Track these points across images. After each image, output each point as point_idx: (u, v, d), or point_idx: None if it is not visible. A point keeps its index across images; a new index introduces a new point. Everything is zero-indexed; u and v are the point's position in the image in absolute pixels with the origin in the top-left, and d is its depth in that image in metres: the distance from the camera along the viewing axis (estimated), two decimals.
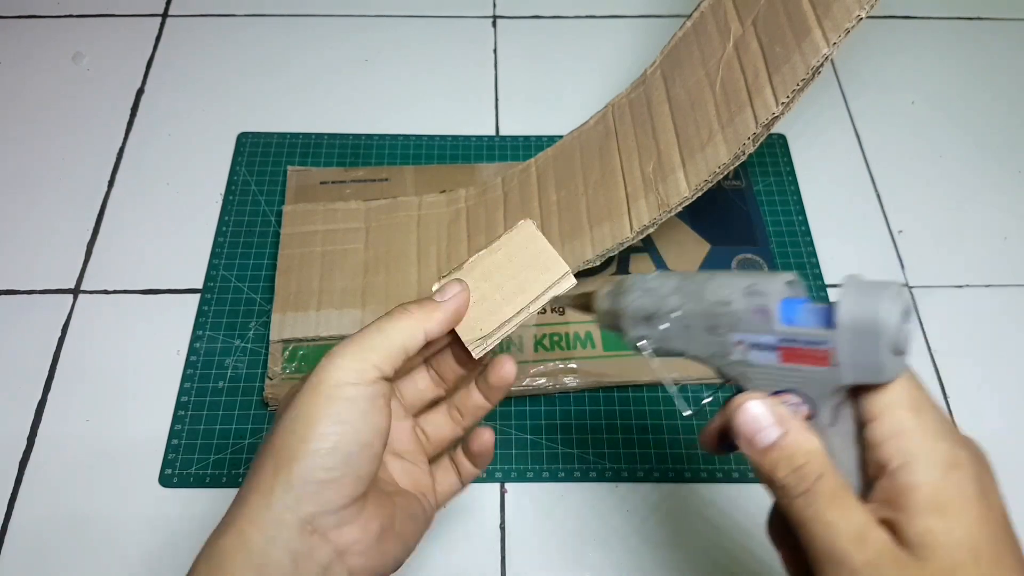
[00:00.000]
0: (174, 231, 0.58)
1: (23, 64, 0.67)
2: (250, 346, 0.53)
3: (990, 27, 0.73)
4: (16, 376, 0.52)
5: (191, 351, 0.53)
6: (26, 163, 0.61)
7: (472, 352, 0.33)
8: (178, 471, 0.48)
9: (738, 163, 0.44)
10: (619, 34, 0.71)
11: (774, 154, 0.63)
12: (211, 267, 0.56)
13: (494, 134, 0.64)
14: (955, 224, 0.61)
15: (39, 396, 0.51)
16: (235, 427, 0.50)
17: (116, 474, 0.48)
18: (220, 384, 0.51)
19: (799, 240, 0.59)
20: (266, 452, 0.29)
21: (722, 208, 0.59)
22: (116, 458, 0.49)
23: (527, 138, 0.64)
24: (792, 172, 0.62)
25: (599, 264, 0.50)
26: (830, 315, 0.25)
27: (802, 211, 0.60)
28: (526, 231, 0.34)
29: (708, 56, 0.49)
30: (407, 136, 0.64)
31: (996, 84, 0.69)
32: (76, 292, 0.55)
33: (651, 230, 0.48)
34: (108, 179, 0.61)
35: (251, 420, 0.50)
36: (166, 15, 0.71)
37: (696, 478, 0.49)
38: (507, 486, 0.49)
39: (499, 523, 0.47)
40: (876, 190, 0.62)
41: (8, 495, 0.47)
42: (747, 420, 0.27)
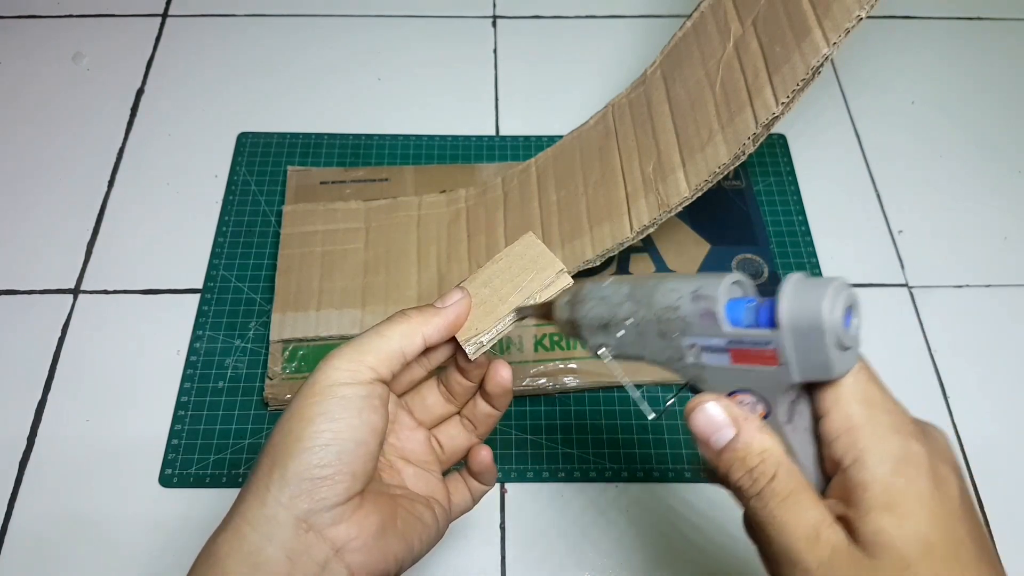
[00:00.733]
0: (174, 231, 0.58)
1: (23, 64, 0.67)
2: (250, 346, 0.53)
3: (990, 27, 0.73)
4: (16, 376, 0.52)
5: (191, 351, 0.53)
6: (26, 163, 0.61)
7: (467, 351, 0.33)
8: (178, 471, 0.48)
9: (738, 163, 0.44)
10: (619, 34, 0.71)
11: (774, 154, 0.64)
12: (211, 267, 0.56)
13: (494, 134, 0.64)
14: (955, 224, 0.61)
15: (39, 396, 0.51)
16: (235, 427, 0.50)
17: (116, 474, 0.48)
18: (220, 384, 0.51)
19: (799, 240, 0.59)
20: (264, 452, 0.30)
21: (722, 208, 0.59)
22: (116, 458, 0.49)
23: (527, 138, 0.64)
24: (792, 172, 0.62)
25: (599, 264, 0.50)
26: (773, 315, 0.25)
27: (802, 211, 0.60)
28: (526, 240, 0.35)
29: (708, 56, 0.49)
30: (407, 136, 0.64)
31: (996, 84, 0.69)
32: (76, 292, 0.55)
33: (651, 230, 0.48)
34: (108, 179, 0.61)
35: (251, 420, 0.50)
36: (166, 15, 0.71)
37: (696, 478, 0.49)
38: (507, 486, 0.49)
39: (499, 523, 0.47)
40: (876, 190, 0.62)
41: (8, 495, 0.47)
42: (702, 422, 0.27)
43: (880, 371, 0.27)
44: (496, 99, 0.67)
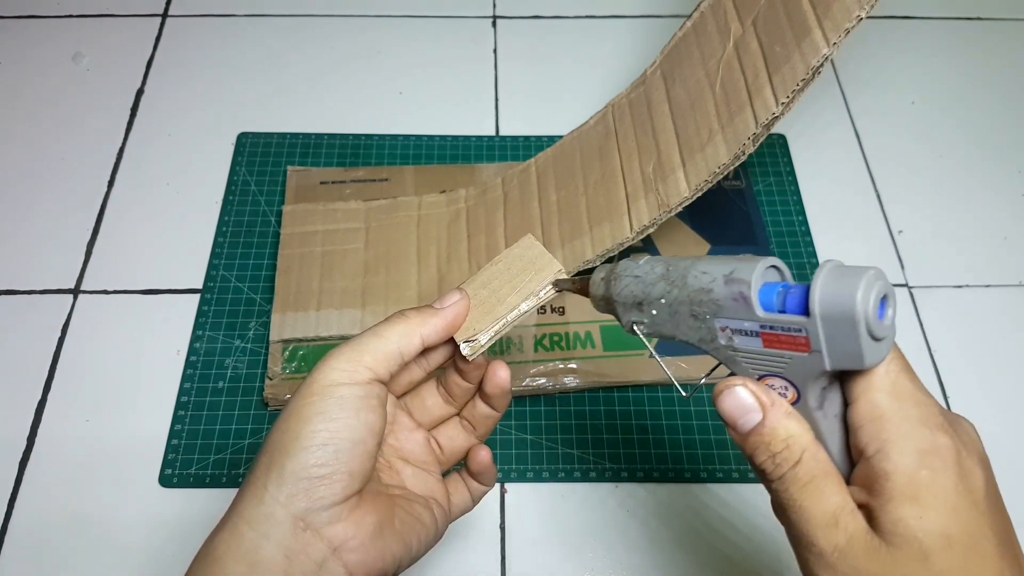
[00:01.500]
0: (174, 231, 0.58)
1: (23, 64, 0.67)
2: (250, 346, 0.53)
3: (990, 27, 0.73)
4: (16, 376, 0.52)
5: (191, 351, 0.53)
6: (26, 163, 0.61)
7: (463, 351, 0.33)
8: (178, 471, 0.48)
9: (738, 163, 0.44)
10: (619, 34, 0.71)
11: (774, 154, 0.64)
12: (211, 267, 0.56)
13: (494, 134, 0.64)
14: (955, 224, 0.61)
15: (39, 396, 0.51)
16: (235, 427, 0.50)
17: (116, 474, 0.48)
18: (220, 384, 0.51)
19: (799, 240, 0.59)
20: (262, 451, 0.30)
21: (722, 208, 0.59)
22: (116, 458, 0.49)
23: (527, 138, 0.64)
24: (792, 172, 0.62)
25: (599, 264, 0.50)
26: (806, 302, 0.25)
27: (802, 211, 0.60)
28: (525, 242, 0.36)
29: (708, 56, 0.49)
30: (407, 136, 0.64)
31: (996, 84, 0.69)
32: (76, 292, 0.55)
33: (651, 230, 0.48)
34: (108, 179, 0.61)
35: (251, 420, 0.50)
36: (166, 15, 0.71)
37: (696, 478, 0.49)
38: (507, 486, 0.49)
39: (499, 523, 0.47)
40: (876, 190, 0.62)
41: (8, 495, 0.47)
42: (731, 405, 0.27)
43: None
44: (496, 99, 0.67)
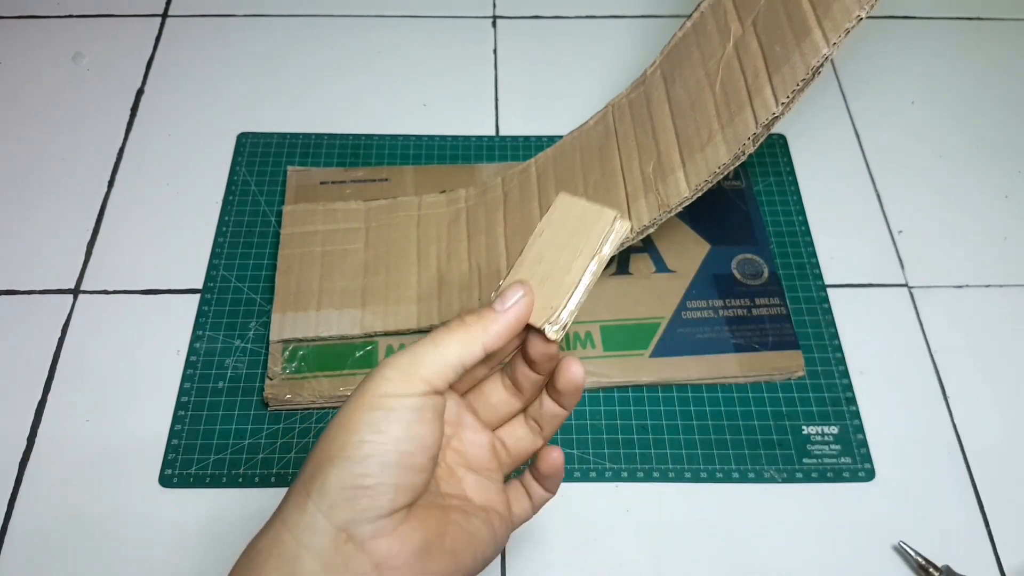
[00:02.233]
0: (174, 231, 0.58)
1: (23, 64, 0.67)
2: (250, 346, 0.53)
3: (990, 27, 0.73)
4: (16, 376, 0.52)
5: (191, 351, 0.53)
6: (26, 163, 0.61)
7: (549, 335, 0.30)
8: (178, 471, 0.48)
9: (738, 163, 0.44)
10: (619, 34, 0.71)
11: (774, 154, 0.64)
12: (211, 267, 0.56)
13: (494, 134, 0.64)
14: (955, 224, 0.61)
15: (39, 396, 0.51)
16: (235, 427, 0.50)
17: (116, 474, 0.48)
18: (220, 384, 0.51)
19: (799, 240, 0.59)
20: (308, 458, 0.29)
21: (722, 208, 0.59)
22: (116, 458, 0.49)
23: (527, 138, 0.64)
24: (792, 172, 0.62)
25: None
26: None
27: (802, 211, 0.60)
28: (561, 202, 0.32)
29: (708, 56, 0.49)
30: (407, 136, 0.64)
31: (996, 84, 0.69)
32: (76, 292, 0.55)
33: (651, 230, 0.48)
34: (108, 179, 0.61)
35: (251, 420, 0.50)
36: (166, 15, 0.71)
37: (696, 478, 0.49)
38: None
39: None
40: (876, 190, 0.62)
41: (8, 495, 0.47)
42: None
43: (881, 371, 0.27)
44: (496, 99, 0.67)
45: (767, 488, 0.49)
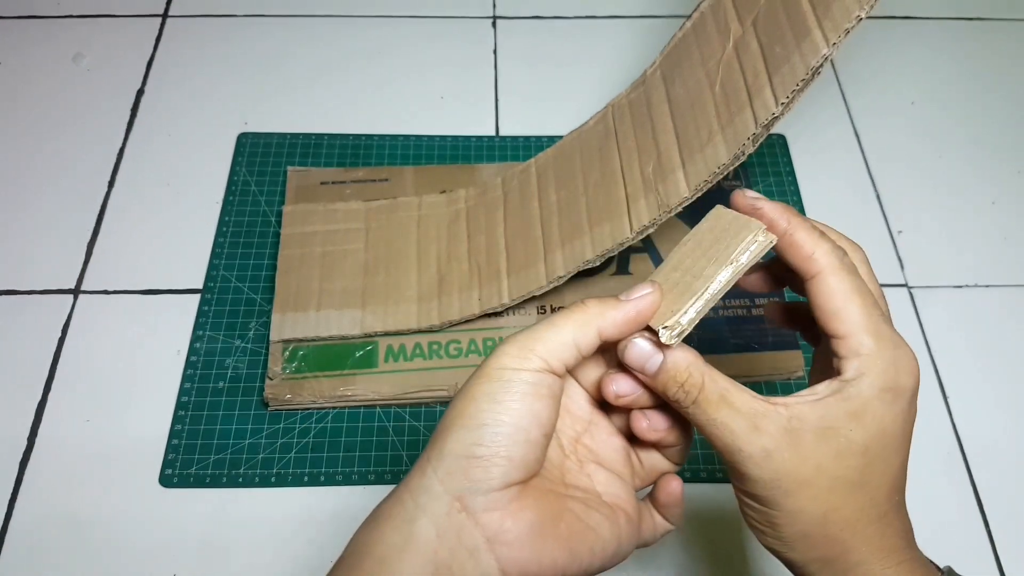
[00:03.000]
0: (174, 231, 0.58)
1: (24, 64, 0.67)
2: (250, 346, 0.53)
3: (990, 27, 0.73)
4: (16, 376, 0.52)
5: (191, 351, 0.53)
6: (27, 163, 0.61)
7: (662, 338, 0.29)
8: (178, 471, 0.48)
9: (738, 163, 0.44)
10: (619, 34, 0.71)
11: (774, 154, 0.64)
12: (211, 267, 0.56)
13: (494, 134, 0.64)
14: (955, 224, 0.61)
15: (39, 396, 0.51)
16: (235, 427, 0.50)
17: (116, 474, 0.48)
18: (220, 384, 0.51)
19: None
20: (435, 429, 0.30)
21: None
22: (116, 458, 0.49)
23: (527, 138, 0.64)
24: (792, 172, 0.62)
25: (599, 264, 0.50)
26: None
27: (802, 211, 0.60)
28: (715, 214, 0.31)
29: (708, 56, 0.49)
30: (407, 136, 0.64)
31: (996, 84, 0.69)
32: (76, 292, 0.55)
33: (651, 230, 0.48)
34: (108, 179, 0.61)
35: (251, 420, 0.50)
36: (166, 15, 0.71)
37: (696, 478, 0.49)
38: None
39: None
40: (876, 190, 0.62)
41: (8, 495, 0.47)
42: (635, 354, 0.30)
43: None
44: (496, 99, 0.67)
45: None
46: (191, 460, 0.49)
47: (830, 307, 0.29)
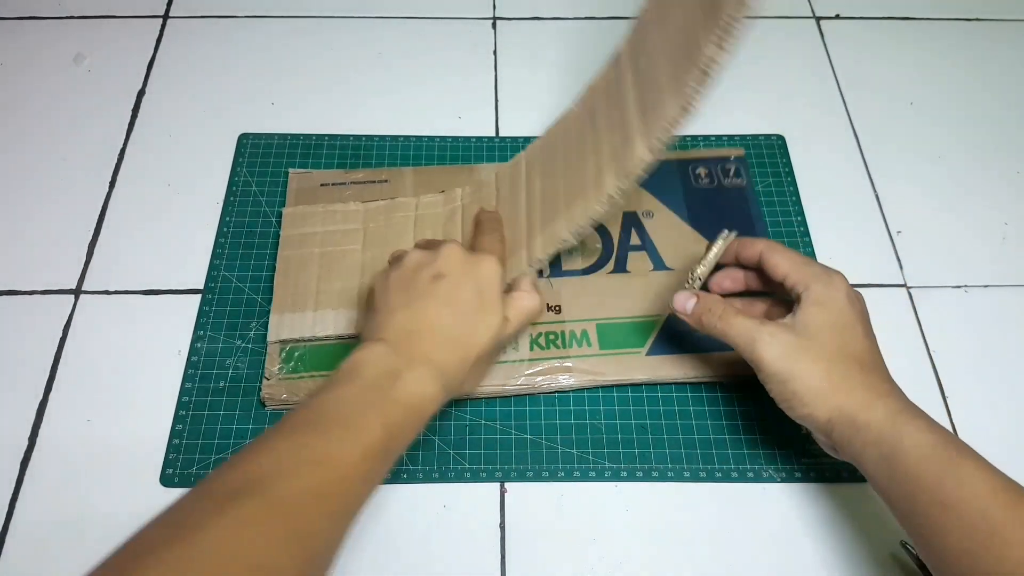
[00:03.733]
0: (175, 232, 0.58)
1: (24, 65, 0.67)
2: (251, 346, 0.53)
3: (990, 27, 0.73)
4: (17, 376, 0.52)
5: (192, 351, 0.53)
6: (27, 164, 0.62)
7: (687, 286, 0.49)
8: (179, 471, 0.48)
9: (687, 115, 0.43)
10: (619, 35, 0.71)
11: (773, 154, 0.64)
12: (212, 268, 0.56)
13: (494, 135, 0.64)
14: (955, 224, 0.61)
15: (40, 396, 0.51)
16: (236, 427, 0.50)
17: (117, 474, 0.48)
18: (221, 384, 0.52)
19: (798, 240, 0.59)
20: None
21: (721, 208, 0.59)
22: (117, 458, 0.49)
23: (527, 139, 0.64)
24: (791, 172, 0.62)
25: (576, 243, 0.49)
26: None
27: (801, 211, 0.60)
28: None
29: (667, 25, 0.49)
30: (407, 137, 0.64)
31: (996, 84, 0.69)
32: (77, 293, 0.56)
33: (620, 200, 0.47)
34: (109, 180, 0.61)
35: (252, 420, 0.50)
36: (167, 16, 0.71)
37: (696, 478, 0.49)
38: (507, 486, 0.49)
39: (499, 523, 0.48)
40: (875, 190, 0.62)
41: (9, 495, 0.48)
42: (680, 301, 0.47)
43: None
44: (496, 100, 0.67)
45: (766, 488, 0.49)
46: (192, 460, 0.49)
47: (774, 262, 0.46)
